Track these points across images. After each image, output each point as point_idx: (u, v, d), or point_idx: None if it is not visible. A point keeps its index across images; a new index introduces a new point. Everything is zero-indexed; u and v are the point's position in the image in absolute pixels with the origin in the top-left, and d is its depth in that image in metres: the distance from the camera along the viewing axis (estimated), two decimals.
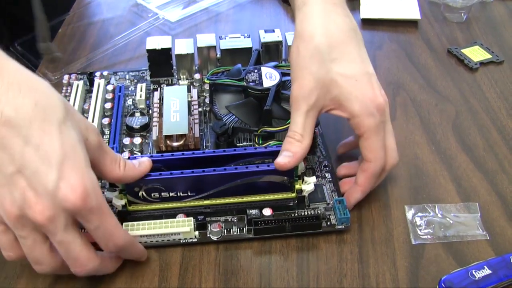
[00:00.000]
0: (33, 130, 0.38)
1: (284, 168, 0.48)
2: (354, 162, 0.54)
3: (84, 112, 0.62)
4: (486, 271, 0.45)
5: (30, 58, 0.71)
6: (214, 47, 0.66)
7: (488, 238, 0.49)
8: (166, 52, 0.65)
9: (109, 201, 0.49)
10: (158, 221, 0.48)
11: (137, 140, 0.58)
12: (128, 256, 0.46)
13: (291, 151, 0.48)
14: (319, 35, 0.48)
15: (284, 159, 0.48)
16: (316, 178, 0.53)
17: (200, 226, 0.50)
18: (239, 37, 0.66)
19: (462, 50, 0.73)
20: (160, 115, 0.59)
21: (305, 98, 0.47)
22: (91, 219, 0.40)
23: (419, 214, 0.51)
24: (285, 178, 0.49)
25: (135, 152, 0.58)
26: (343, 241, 0.50)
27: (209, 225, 0.50)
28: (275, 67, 0.59)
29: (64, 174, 0.38)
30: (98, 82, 0.65)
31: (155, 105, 0.60)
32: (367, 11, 0.78)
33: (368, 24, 0.78)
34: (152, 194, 0.49)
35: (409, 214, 0.52)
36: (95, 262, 0.42)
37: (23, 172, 0.38)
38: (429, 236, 0.50)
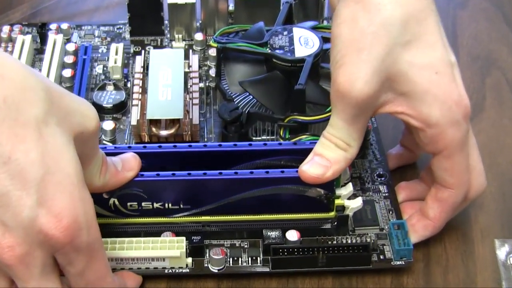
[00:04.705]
0: (1, 136, 0.39)
1: (313, 181, 0.49)
2: (416, 181, 0.56)
3: None
4: None
5: None
6: None
7: None
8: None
9: None
10: (134, 239, 0.50)
11: (108, 124, 0.60)
12: None
13: (329, 158, 0.49)
14: (390, 4, 0.47)
15: (315, 169, 0.49)
16: (366, 192, 0.55)
17: (196, 250, 0.51)
18: None
19: None
20: (144, 90, 0.60)
21: (355, 97, 0.47)
22: (76, 261, 0.42)
23: None
24: (322, 191, 0.50)
25: (104, 141, 0.60)
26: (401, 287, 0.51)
27: (207, 250, 0.51)
28: (314, 28, 0.61)
29: (45, 197, 0.39)
30: (54, 38, 0.67)
31: (136, 75, 0.61)
32: None
33: None
34: (129, 204, 0.50)
35: (501, 252, 0.53)
36: None
37: None
38: None
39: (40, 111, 0.40)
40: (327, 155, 0.49)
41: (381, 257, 0.51)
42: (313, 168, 0.49)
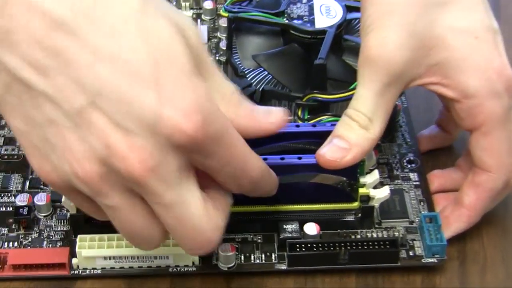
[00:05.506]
0: (97, 32, 0.37)
1: (330, 165, 0.48)
2: (452, 169, 0.55)
3: None
4: None
5: None
6: None
7: None
8: None
9: (57, 201, 0.51)
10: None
11: None
12: (258, 192, 0.46)
13: (349, 140, 0.48)
14: None
15: (333, 152, 0.48)
16: (394, 180, 0.54)
17: None
18: None
19: None
20: None
21: (387, 61, 0.47)
22: (217, 154, 0.40)
23: None
24: (344, 179, 0.49)
25: None
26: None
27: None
28: None
29: (166, 94, 0.38)
30: None
31: None
32: None
33: None
34: None
35: None
36: (223, 227, 0.42)
37: (98, 102, 0.37)
38: None
39: (135, 3, 0.39)
40: (347, 136, 0.48)
41: (411, 253, 0.50)
42: (331, 151, 0.48)
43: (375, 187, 0.51)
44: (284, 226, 0.50)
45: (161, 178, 0.38)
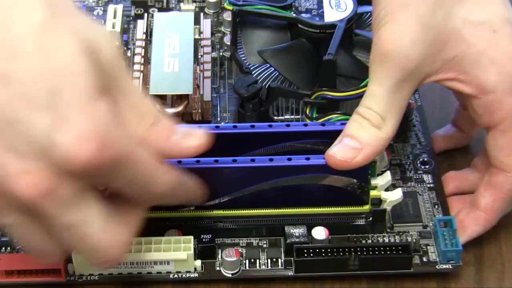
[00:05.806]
0: None
1: (340, 166, 0.48)
2: (468, 170, 0.54)
3: None
4: None
5: None
6: None
7: None
8: None
9: None
10: (134, 239, 0.46)
11: None
12: (173, 203, 0.47)
13: (360, 139, 0.48)
14: None
15: (343, 152, 0.48)
16: (407, 182, 0.54)
17: (205, 251, 0.49)
18: None
19: None
20: (146, 60, 0.59)
21: (401, 56, 0.47)
22: (119, 175, 0.40)
23: None
24: (354, 181, 0.49)
25: None
26: None
27: (219, 251, 0.50)
28: None
29: (58, 116, 0.37)
30: None
31: (138, 42, 0.60)
32: None
33: None
34: None
35: None
36: (126, 242, 0.42)
37: None
38: None
39: (39, 15, 0.38)
40: (358, 135, 0.48)
41: (424, 259, 0.50)
42: (341, 151, 0.48)
43: (387, 190, 0.50)
44: (291, 230, 0.50)
45: (56, 202, 0.38)
